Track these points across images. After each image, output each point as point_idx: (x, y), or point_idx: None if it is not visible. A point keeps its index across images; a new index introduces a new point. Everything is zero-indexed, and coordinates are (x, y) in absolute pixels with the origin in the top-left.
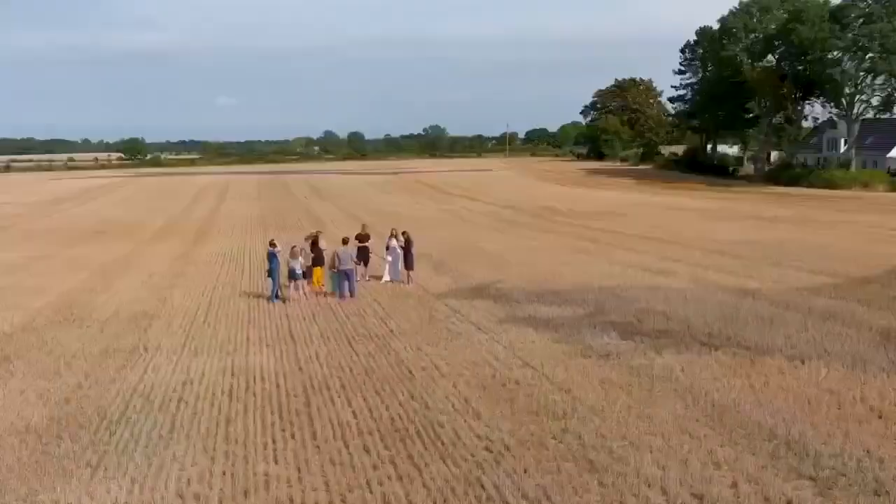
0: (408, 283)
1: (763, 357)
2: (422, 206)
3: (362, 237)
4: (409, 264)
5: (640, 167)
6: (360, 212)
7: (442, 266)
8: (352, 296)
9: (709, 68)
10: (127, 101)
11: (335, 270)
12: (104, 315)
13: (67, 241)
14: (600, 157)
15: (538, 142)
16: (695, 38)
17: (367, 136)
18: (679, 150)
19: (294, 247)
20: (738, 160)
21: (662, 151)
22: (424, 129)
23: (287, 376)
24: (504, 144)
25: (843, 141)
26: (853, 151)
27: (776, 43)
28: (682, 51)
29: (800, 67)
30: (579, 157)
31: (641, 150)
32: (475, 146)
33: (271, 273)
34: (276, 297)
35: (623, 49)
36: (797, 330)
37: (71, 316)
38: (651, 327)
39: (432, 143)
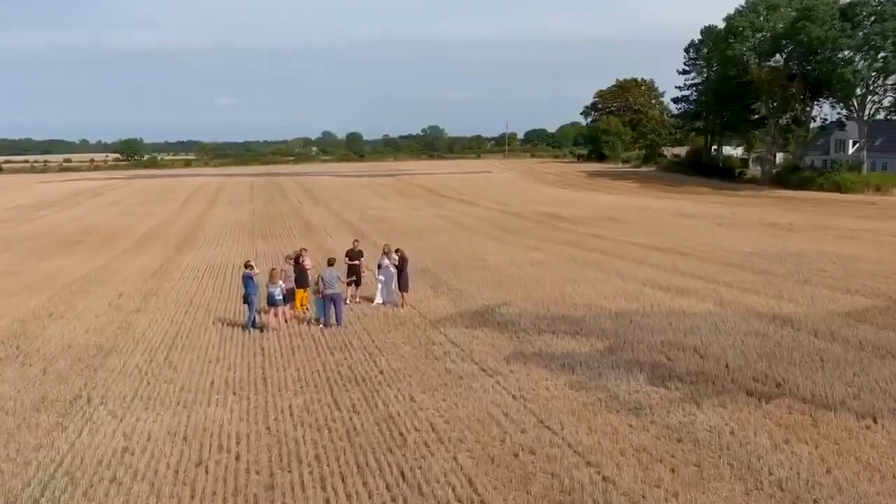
0: (402, 306)
1: (825, 413)
2: (419, 211)
3: (353, 254)
4: (403, 285)
5: (643, 169)
6: (354, 217)
7: (440, 284)
8: (338, 324)
9: (714, 68)
10: (126, 101)
11: (320, 295)
12: (54, 349)
13: (41, 252)
14: (601, 158)
15: (537, 142)
16: (699, 37)
17: (366, 137)
18: (682, 151)
19: (273, 269)
20: (743, 162)
21: (665, 153)
22: (423, 130)
23: (251, 441)
24: (503, 145)
25: (851, 142)
26: (864, 153)
27: (784, 42)
28: (687, 50)
29: (808, 67)
30: (580, 158)
31: (644, 151)
32: (474, 146)
33: (247, 298)
34: (253, 325)
35: (623, 49)
36: (855, 373)
37: (16, 351)
38: (684, 368)
39: (431, 144)
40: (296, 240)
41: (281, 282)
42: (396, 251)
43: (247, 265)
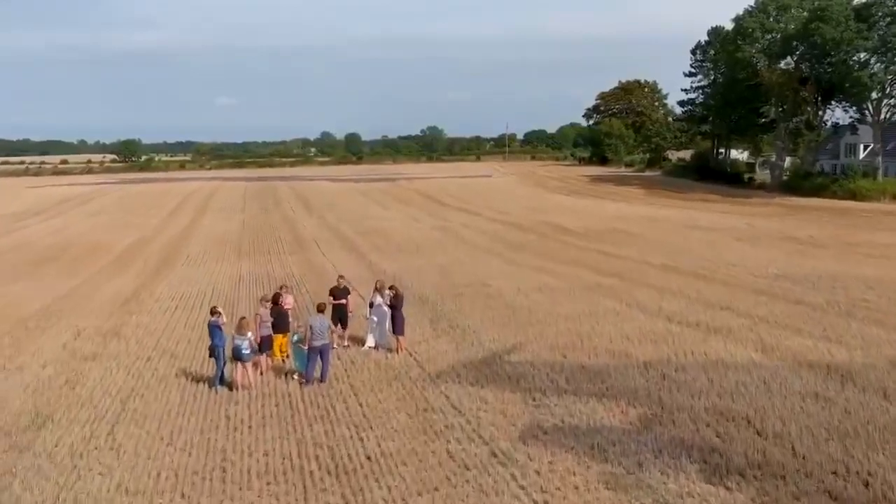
0: (396, 351)
1: None
2: (417, 221)
3: (338, 293)
4: (397, 328)
5: (647, 173)
6: (349, 230)
7: (440, 318)
8: (322, 380)
9: (721, 70)
10: (126, 102)
11: (305, 347)
12: None
13: (11, 272)
14: (603, 161)
15: (537, 143)
16: (706, 38)
17: (365, 137)
18: (686, 154)
19: (243, 318)
20: (750, 166)
21: (669, 157)
22: (422, 130)
23: None
24: (502, 146)
25: (862, 146)
26: (880, 159)
27: (795, 44)
28: (693, 52)
29: (821, 70)
30: (581, 161)
31: (647, 155)
32: (473, 147)
33: (214, 351)
34: (221, 381)
35: (624, 49)
36: None
37: None
38: (741, 452)
39: (430, 145)
40: (285, 257)
41: (250, 333)
42: (390, 288)
43: (213, 311)
